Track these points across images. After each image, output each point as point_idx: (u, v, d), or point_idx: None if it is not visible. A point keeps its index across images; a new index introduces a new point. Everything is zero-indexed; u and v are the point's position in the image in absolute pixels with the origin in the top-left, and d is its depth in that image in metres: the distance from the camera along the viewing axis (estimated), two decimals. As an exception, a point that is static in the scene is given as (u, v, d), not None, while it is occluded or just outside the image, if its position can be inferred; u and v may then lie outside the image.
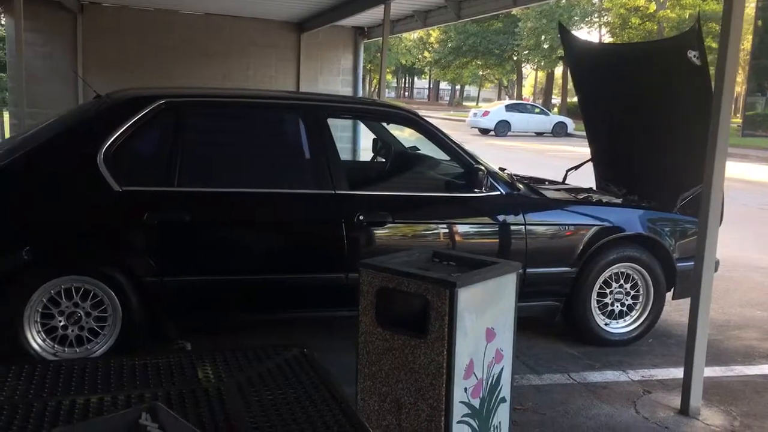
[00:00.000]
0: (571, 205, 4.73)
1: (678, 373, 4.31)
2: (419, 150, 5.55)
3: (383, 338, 3.06)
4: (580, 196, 4.99)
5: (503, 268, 3.11)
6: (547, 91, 48.34)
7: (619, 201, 5.02)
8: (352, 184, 4.22)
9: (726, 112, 3.55)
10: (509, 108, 30.83)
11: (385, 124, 5.21)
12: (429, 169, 4.92)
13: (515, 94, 49.66)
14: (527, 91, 56.02)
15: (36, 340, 3.70)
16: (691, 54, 4.67)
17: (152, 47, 12.01)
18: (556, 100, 47.33)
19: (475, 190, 4.32)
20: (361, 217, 4.10)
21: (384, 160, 5.59)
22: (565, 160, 17.48)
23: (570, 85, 48.28)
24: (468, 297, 2.89)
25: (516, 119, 29.97)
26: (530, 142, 26.37)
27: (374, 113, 4.88)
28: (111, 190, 3.75)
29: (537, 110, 32.28)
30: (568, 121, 31.27)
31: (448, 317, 2.85)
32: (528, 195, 4.58)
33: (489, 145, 23.92)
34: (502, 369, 3.16)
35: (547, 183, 5.72)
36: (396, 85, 66.67)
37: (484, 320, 3.02)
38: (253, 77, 12.67)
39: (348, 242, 4.08)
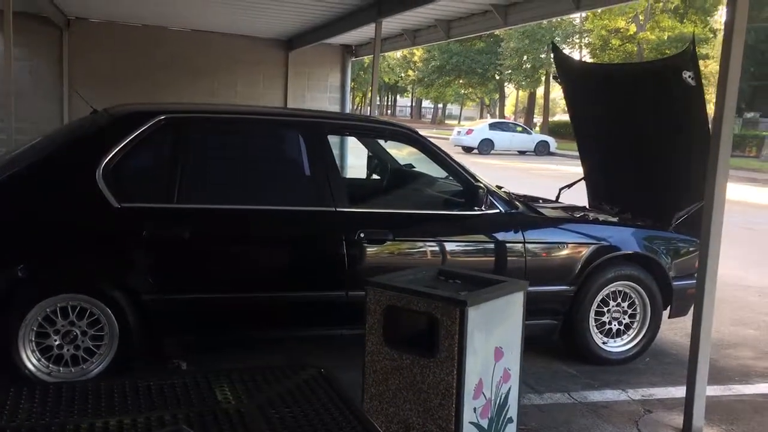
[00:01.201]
0: (569, 223, 4.74)
1: (677, 392, 4.33)
2: (414, 167, 5.55)
3: (390, 357, 3.03)
4: (577, 215, 5.01)
5: (512, 287, 3.10)
6: (529, 111, 48.75)
7: (615, 220, 5.04)
8: (353, 202, 4.20)
9: (727, 133, 3.57)
10: (492, 126, 31.06)
11: (382, 142, 5.20)
12: (427, 187, 4.91)
13: (497, 113, 50.04)
14: (508, 110, 56.44)
15: (31, 359, 3.62)
16: (686, 74, 4.72)
17: (139, 63, 11.96)
18: (537, 119, 47.73)
19: (475, 208, 4.31)
20: (362, 235, 4.07)
21: (380, 177, 5.58)
22: (549, 178, 17.60)
23: (551, 104, 48.80)
24: (477, 316, 2.88)
25: (499, 138, 30.19)
26: (514, 161, 26.53)
27: (374, 131, 4.87)
28: (110, 207, 3.69)
29: (519, 129, 32.55)
30: (551, 139, 31.57)
31: (459, 336, 2.82)
32: (526, 213, 4.58)
33: (473, 163, 23.96)
34: (509, 389, 3.14)
35: (540, 201, 5.73)
36: (378, 102, 66.95)
37: (493, 339, 3.00)
38: (240, 94, 12.66)
39: (349, 260, 4.05)
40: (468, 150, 29.90)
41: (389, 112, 70.89)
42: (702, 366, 3.69)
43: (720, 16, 41.08)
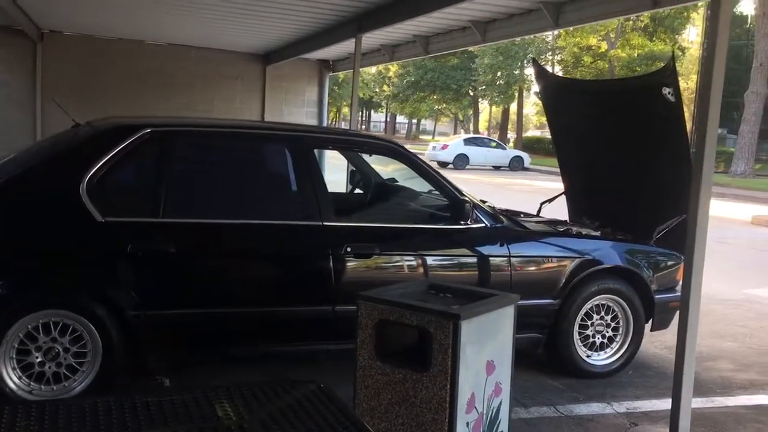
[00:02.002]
0: (553, 237, 4.77)
1: (661, 404, 4.37)
2: (397, 182, 5.56)
3: (382, 372, 3.01)
4: (560, 229, 5.04)
5: (503, 300, 3.11)
6: (502, 126, 49.16)
7: (597, 234, 5.08)
8: (339, 216, 4.19)
9: (711, 145, 3.62)
10: (467, 142, 31.25)
11: (367, 156, 5.20)
12: (413, 201, 4.91)
13: (471, 129, 50.39)
14: (482, 125, 56.88)
15: (12, 378, 3.53)
16: (666, 91, 4.80)
17: (115, 77, 11.87)
18: (510, 134, 48.16)
19: (461, 222, 4.33)
20: (349, 249, 4.06)
21: (363, 191, 5.57)
22: (525, 193, 17.73)
23: (524, 119, 49.30)
24: (470, 329, 2.87)
25: (474, 153, 30.38)
26: (489, 176, 26.70)
27: (361, 144, 4.87)
28: (94, 221, 3.63)
29: (494, 144, 32.80)
30: (525, 155, 31.85)
31: (452, 350, 2.82)
32: (511, 227, 4.60)
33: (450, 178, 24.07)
34: (500, 402, 3.13)
35: (522, 216, 5.76)
36: (351, 117, 67.20)
37: (485, 353, 3.00)
38: (217, 108, 12.61)
39: (335, 274, 4.03)
40: (443, 165, 30.00)
41: (363, 127, 70.98)
42: (687, 379, 3.72)
43: (688, 35, 41.98)
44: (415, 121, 64.69)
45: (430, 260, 4.34)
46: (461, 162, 29.88)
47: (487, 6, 7.23)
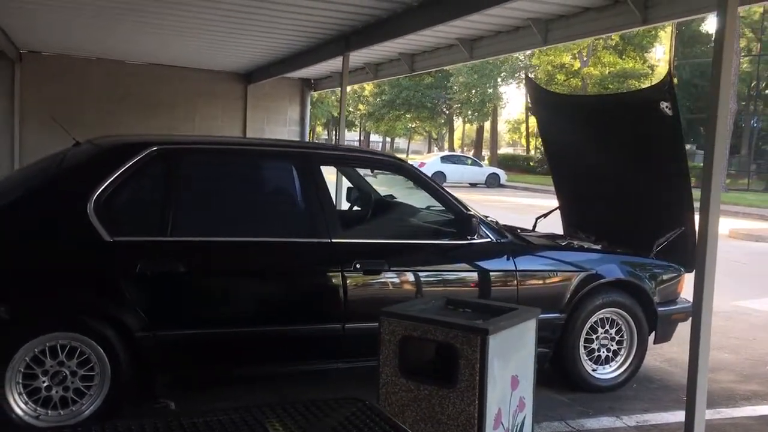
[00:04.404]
0: (557, 251, 4.78)
1: (669, 417, 4.37)
2: (396, 198, 5.55)
3: (407, 389, 2.97)
4: (562, 243, 5.06)
5: (526, 314, 3.09)
6: (477, 144, 49.55)
7: (599, 247, 5.10)
8: (347, 232, 4.15)
9: (719, 161, 3.65)
10: (444, 159, 31.39)
11: (368, 173, 5.18)
12: (417, 217, 4.89)
13: (444, 147, 50.66)
14: (455, 143, 57.24)
15: (18, 403, 3.41)
16: (664, 105, 4.86)
17: (96, 97, 11.76)
18: (484, 152, 48.55)
19: (468, 237, 4.32)
20: (358, 265, 4.02)
21: (362, 208, 5.54)
22: (504, 210, 17.79)
23: (499, 137, 49.73)
24: (496, 344, 2.85)
25: (451, 170, 30.49)
26: (466, 193, 26.76)
27: (368, 161, 4.85)
28: (101, 241, 3.56)
29: (470, 162, 33.00)
30: (501, 172, 32.07)
31: (480, 365, 2.79)
32: (516, 242, 4.60)
33: (426, 197, 24.13)
34: (524, 418, 3.11)
35: (519, 231, 5.77)
36: (327, 136, 67.19)
37: (510, 367, 2.98)
38: (199, 127, 12.54)
39: (345, 291, 3.98)
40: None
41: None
42: (700, 392, 3.73)
43: (655, 53, 42.77)
44: (389, 139, 64.90)
45: (438, 275, 4.32)
46: (438, 179, 29.91)
47: (476, 24, 7.30)
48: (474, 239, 4.34)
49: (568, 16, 6.51)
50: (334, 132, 67.11)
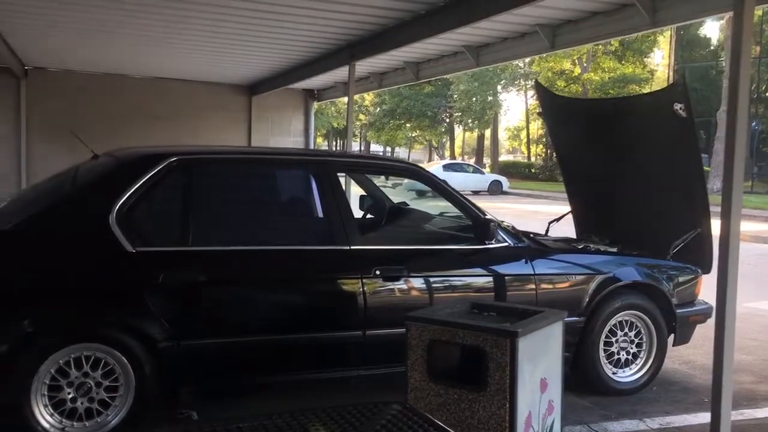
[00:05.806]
0: (574, 254, 4.78)
1: (692, 419, 4.36)
2: (408, 205, 5.55)
3: (436, 393, 2.97)
4: (579, 246, 5.05)
5: (553, 317, 3.09)
6: (478, 151, 49.58)
7: (615, 250, 5.09)
8: (366, 239, 4.16)
9: (739, 166, 3.63)
10: (446, 168, 31.41)
11: (383, 179, 5.19)
12: (431, 223, 4.90)
13: (445, 155, 50.70)
14: (456, 151, 57.33)
15: (44, 415, 3.40)
16: (678, 107, 4.87)
17: (99, 111, 11.77)
18: (486, 159, 48.58)
19: (486, 241, 4.32)
20: (378, 272, 4.02)
21: (373, 216, 5.54)
22: (510, 216, 17.77)
23: (499, 144, 49.78)
24: (526, 346, 2.85)
25: (454, 178, 30.41)
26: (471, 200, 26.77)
27: (386, 168, 4.87)
28: (124, 252, 3.56)
29: (471, 169, 33.02)
30: (503, 179, 32.08)
31: (510, 368, 2.79)
32: (533, 246, 4.60)
33: (432, 206, 24.15)
34: (553, 421, 3.10)
35: (532, 236, 5.77)
36: (327, 147, 67.43)
37: (539, 370, 2.97)
38: (204, 140, 12.53)
39: (366, 297, 3.98)
40: (422, 193, 30.10)
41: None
42: (726, 394, 3.71)
43: (654, 57, 42.88)
44: (389, 148, 65.03)
45: (457, 280, 4.31)
46: (441, 187, 29.97)
47: (483, 30, 7.32)
48: (492, 244, 4.34)
49: (575, 20, 6.53)
50: (334, 142, 67.31)
